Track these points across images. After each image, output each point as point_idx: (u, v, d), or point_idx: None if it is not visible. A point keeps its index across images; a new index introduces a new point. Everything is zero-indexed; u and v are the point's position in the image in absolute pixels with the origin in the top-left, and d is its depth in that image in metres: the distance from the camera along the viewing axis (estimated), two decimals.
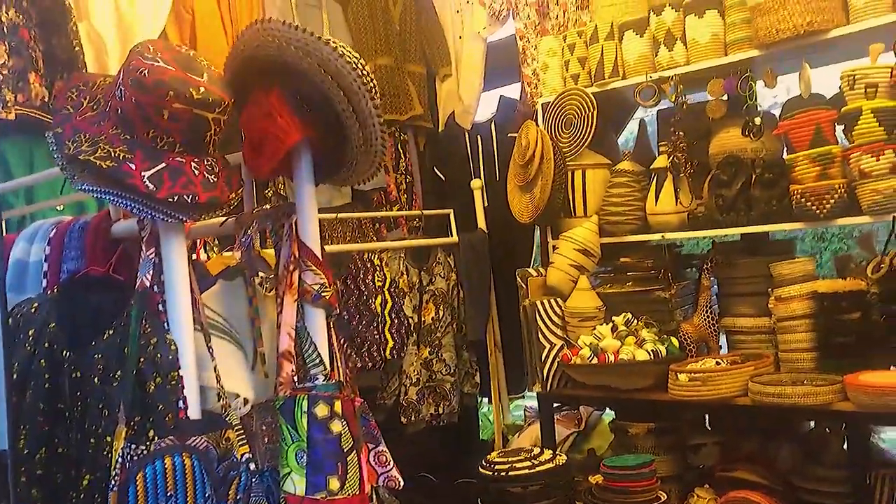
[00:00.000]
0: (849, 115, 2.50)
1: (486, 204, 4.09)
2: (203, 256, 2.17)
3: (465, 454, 4.01)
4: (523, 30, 3.89)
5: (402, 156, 4.21)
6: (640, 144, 3.52)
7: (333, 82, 1.49)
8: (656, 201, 3.05)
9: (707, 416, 3.02)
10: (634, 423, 3.02)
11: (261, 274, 1.70)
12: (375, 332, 3.57)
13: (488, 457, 2.89)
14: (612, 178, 3.22)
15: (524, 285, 3.27)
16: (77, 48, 2.92)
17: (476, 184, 4.06)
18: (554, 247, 3.32)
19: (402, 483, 1.66)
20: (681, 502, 2.82)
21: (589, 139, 3.20)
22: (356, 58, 1.53)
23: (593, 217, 3.22)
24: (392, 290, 3.70)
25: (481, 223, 4.05)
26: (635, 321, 2.97)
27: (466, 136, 4.29)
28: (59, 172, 1.43)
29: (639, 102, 3.13)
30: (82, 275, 1.54)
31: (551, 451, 2.89)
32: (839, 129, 2.62)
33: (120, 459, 1.32)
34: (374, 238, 4.01)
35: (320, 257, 1.60)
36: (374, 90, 1.53)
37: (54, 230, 1.63)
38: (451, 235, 4.00)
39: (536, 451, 2.87)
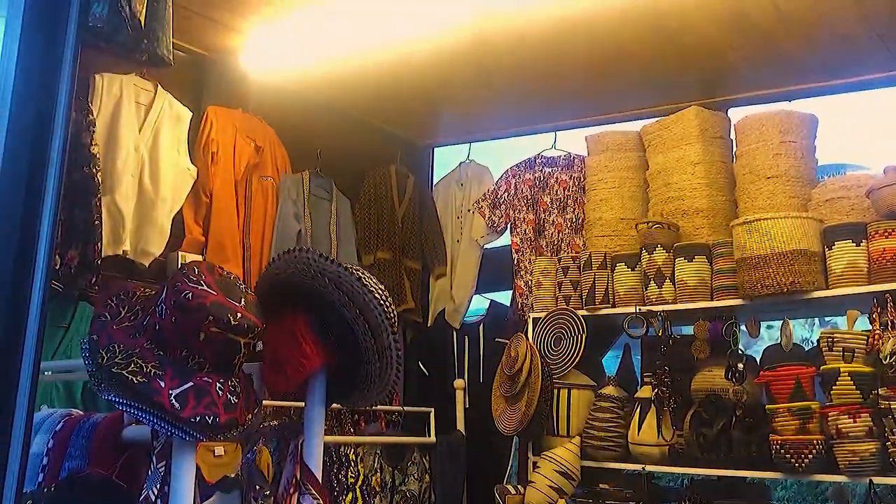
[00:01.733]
0: (827, 375, 2.62)
1: (468, 405, 4.11)
2: None
3: None
4: (519, 243, 4.10)
5: None
6: (624, 367, 3.62)
7: (360, 315, 1.58)
8: (639, 431, 3.10)
9: None
10: None
11: (257, 487, 1.70)
12: None
13: None
14: (597, 402, 3.28)
15: (502, 503, 3.23)
16: (97, 221, 3.03)
17: (459, 384, 4.10)
18: (535, 464, 3.32)
19: None
20: None
21: (577, 359, 3.30)
22: (382, 291, 1.63)
23: (575, 438, 3.25)
24: (364, 487, 3.62)
25: (460, 424, 4.04)
26: None
27: (454, 335, 4.39)
28: (79, 364, 1.48)
29: (627, 333, 3.26)
30: (84, 475, 1.54)
31: None
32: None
33: None
34: (352, 430, 3.98)
35: (320, 481, 1.62)
36: (395, 324, 1.62)
37: (62, 424, 1.65)
38: (430, 434, 3.98)
39: None
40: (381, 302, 1.61)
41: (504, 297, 4.38)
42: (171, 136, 3.40)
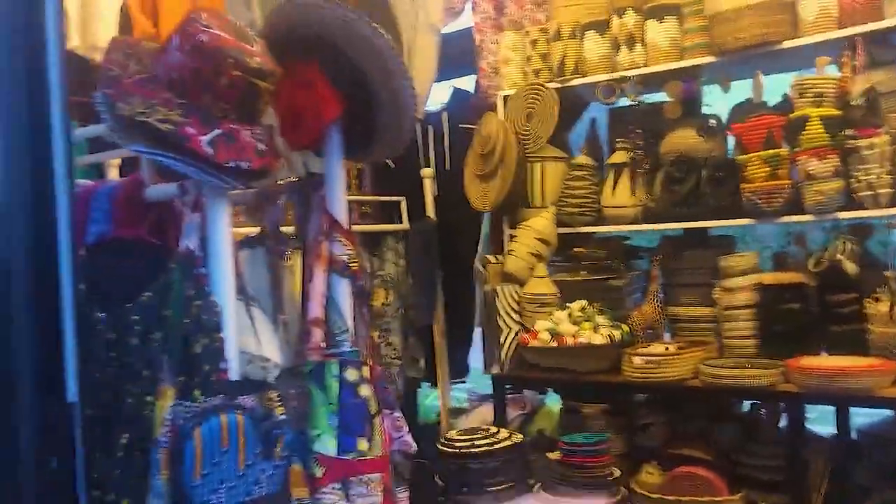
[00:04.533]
0: (798, 121, 2.72)
1: (436, 193, 4.18)
2: None
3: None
4: (481, 23, 3.99)
5: None
6: (591, 141, 3.68)
7: (374, 61, 1.55)
8: (613, 194, 3.21)
9: (656, 398, 3.21)
10: (588, 405, 3.18)
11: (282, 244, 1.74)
12: None
13: (447, 435, 3.00)
14: (571, 172, 3.37)
15: (484, 271, 3.38)
16: None
17: (427, 172, 4.13)
18: (511, 235, 3.45)
19: (415, 447, 1.74)
20: (631, 477, 2.99)
21: (550, 133, 3.34)
22: (392, 39, 1.60)
23: (551, 208, 3.36)
24: None
25: (430, 211, 4.13)
26: (590, 307, 3.12)
27: (418, 125, 4.36)
28: (102, 130, 1.44)
29: (599, 99, 3.29)
30: (113, 237, 1.55)
31: (507, 431, 3.01)
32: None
33: (170, 417, 1.35)
34: None
35: (348, 229, 1.66)
36: (408, 71, 1.60)
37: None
38: (402, 222, 4.07)
39: (493, 430, 2.99)
40: (394, 48, 1.57)
41: (466, 83, 4.33)
42: None
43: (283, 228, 1.74)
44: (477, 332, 4.00)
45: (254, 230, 1.77)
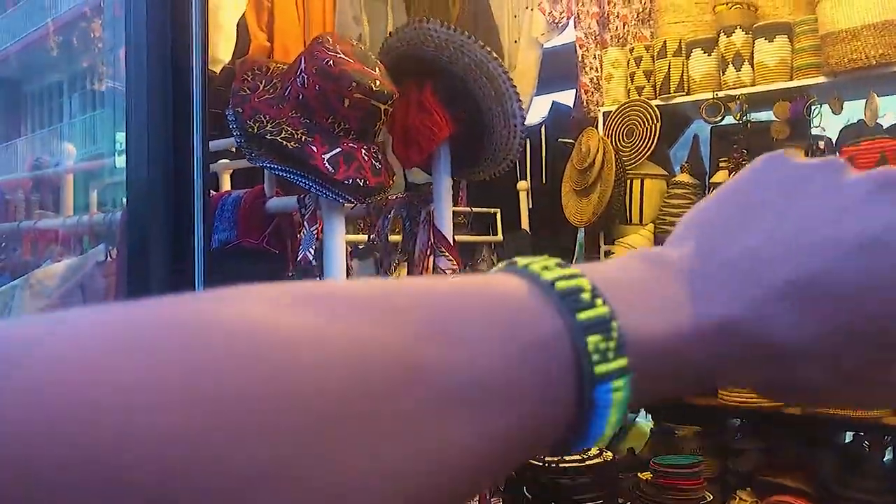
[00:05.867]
0: None
1: (531, 206, 4.20)
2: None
3: None
4: (583, 39, 4.01)
5: None
6: (693, 158, 3.64)
7: (487, 83, 1.60)
8: None
9: (751, 423, 3.14)
10: (682, 426, 3.14)
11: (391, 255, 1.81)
12: None
13: None
14: (670, 190, 3.34)
15: None
16: None
17: (522, 185, 4.16)
18: (607, 252, 3.44)
19: None
20: (723, 503, 2.94)
21: (651, 150, 3.32)
22: (502, 62, 1.65)
23: (649, 226, 3.34)
24: None
25: (525, 224, 4.16)
26: None
27: None
28: (227, 144, 1.54)
29: (704, 118, 3.26)
30: (234, 245, 1.65)
31: (598, 448, 3.01)
32: None
33: None
34: None
35: (452, 244, 1.71)
36: (518, 93, 1.65)
37: None
38: (496, 234, 4.12)
39: None
40: (505, 70, 1.62)
41: (565, 97, 4.34)
42: None
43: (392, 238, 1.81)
44: None
45: (360, 239, 1.85)
